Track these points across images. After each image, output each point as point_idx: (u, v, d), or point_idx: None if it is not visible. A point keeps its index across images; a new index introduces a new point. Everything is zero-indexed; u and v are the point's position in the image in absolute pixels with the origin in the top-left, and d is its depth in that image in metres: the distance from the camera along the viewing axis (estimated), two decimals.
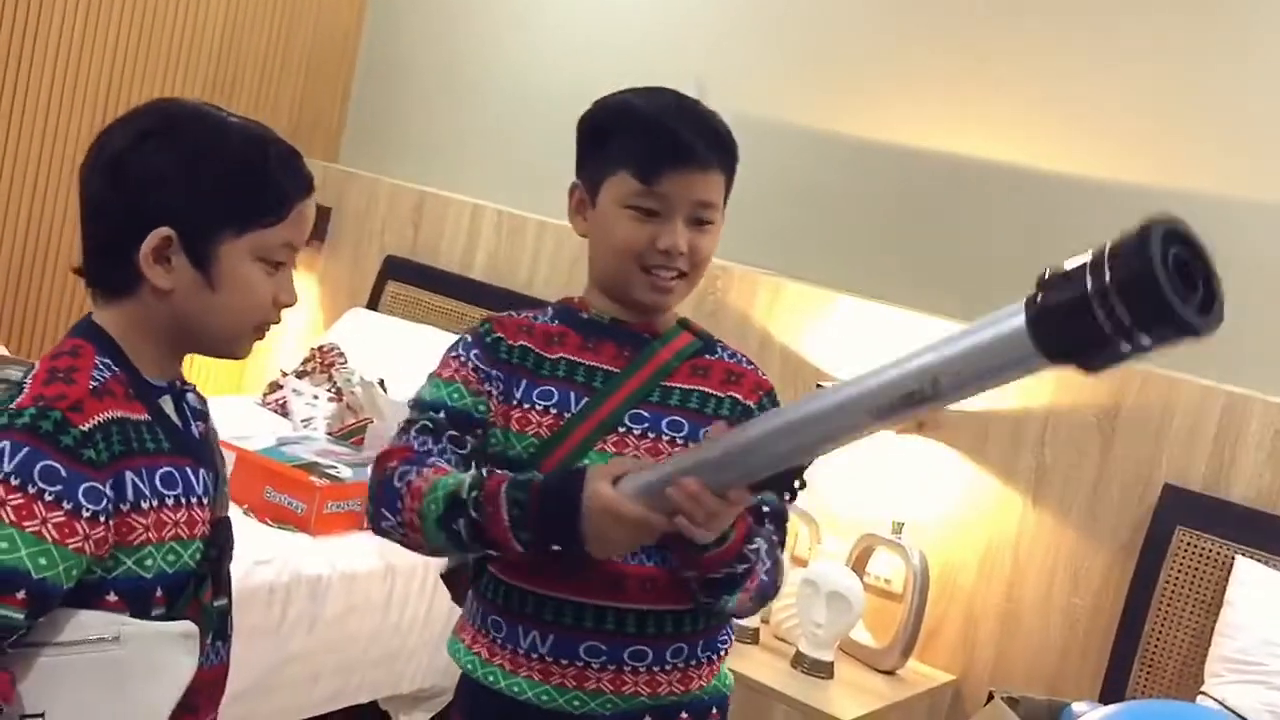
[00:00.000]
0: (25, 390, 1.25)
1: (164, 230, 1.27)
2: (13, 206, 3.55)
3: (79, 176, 1.33)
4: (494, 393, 1.52)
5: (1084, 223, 2.78)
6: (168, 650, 1.27)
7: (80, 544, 1.19)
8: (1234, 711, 2.16)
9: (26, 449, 1.19)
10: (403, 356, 3.40)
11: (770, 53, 3.33)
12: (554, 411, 1.51)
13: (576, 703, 1.49)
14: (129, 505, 1.24)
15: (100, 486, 1.21)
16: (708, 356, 1.59)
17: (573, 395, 1.52)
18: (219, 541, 1.35)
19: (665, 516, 1.29)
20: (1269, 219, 2.58)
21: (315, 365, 3.61)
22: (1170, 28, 2.73)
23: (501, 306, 3.69)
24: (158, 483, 1.27)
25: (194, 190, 1.28)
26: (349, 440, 3.18)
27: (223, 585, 1.39)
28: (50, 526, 1.18)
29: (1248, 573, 2.41)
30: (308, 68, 4.11)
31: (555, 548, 1.34)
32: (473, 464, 1.47)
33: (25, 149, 3.51)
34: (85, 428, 1.21)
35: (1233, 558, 2.45)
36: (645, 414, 1.53)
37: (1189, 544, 2.51)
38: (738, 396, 1.57)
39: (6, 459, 1.19)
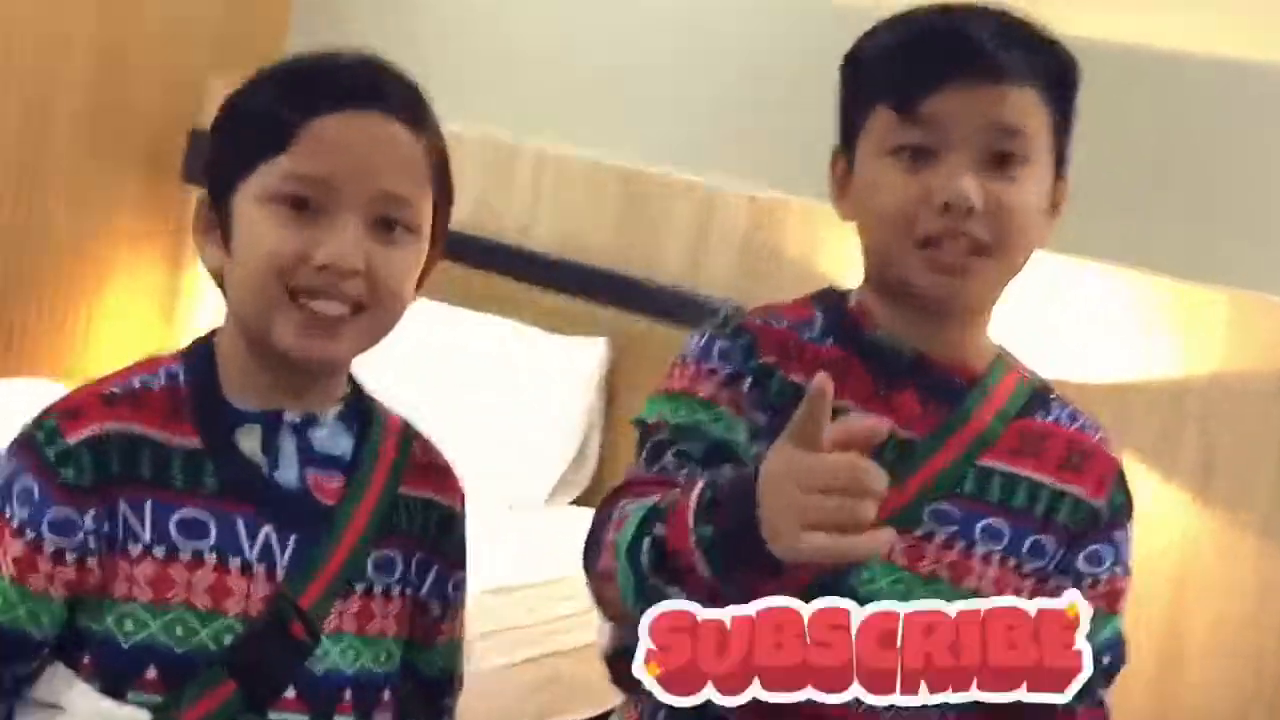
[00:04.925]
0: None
1: (200, 194, 1.04)
2: None
3: None
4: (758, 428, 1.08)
5: None
6: None
7: (42, 584, 0.96)
8: None
9: (16, 460, 0.98)
10: None
11: None
12: None
13: None
14: (117, 545, 0.98)
15: (75, 516, 0.96)
16: (1040, 417, 1.13)
17: None
18: (273, 631, 0.99)
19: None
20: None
21: None
22: None
23: None
24: (171, 526, 0.98)
25: (214, 138, 1.06)
26: None
27: (300, 697, 1.00)
28: (10, 561, 0.96)
29: None
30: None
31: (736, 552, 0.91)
32: None
33: None
34: (71, 441, 0.97)
35: None
36: (954, 511, 1.08)
37: None
38: (1080, 493, 1.11)
39: (2, 469, 1.00)
